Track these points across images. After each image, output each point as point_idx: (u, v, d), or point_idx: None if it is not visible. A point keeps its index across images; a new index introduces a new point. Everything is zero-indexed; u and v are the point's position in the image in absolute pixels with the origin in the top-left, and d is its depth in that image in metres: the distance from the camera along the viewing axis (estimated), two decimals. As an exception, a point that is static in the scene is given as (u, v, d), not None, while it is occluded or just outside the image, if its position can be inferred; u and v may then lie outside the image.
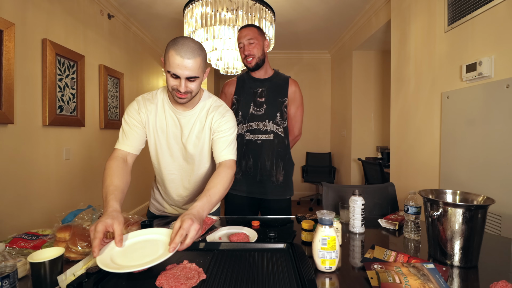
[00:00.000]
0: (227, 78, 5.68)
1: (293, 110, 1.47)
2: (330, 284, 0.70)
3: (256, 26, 1.41)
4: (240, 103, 1.42)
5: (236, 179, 1.42)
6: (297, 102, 1.46)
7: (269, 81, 1.43)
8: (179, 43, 0.88)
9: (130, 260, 0.66)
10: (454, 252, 0.79)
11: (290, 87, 1.43)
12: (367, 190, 1.43)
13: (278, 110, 1.39)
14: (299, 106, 1.48)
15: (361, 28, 3.24)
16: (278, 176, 1.40)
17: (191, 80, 0.91)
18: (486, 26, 1.44)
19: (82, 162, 2.45)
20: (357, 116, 3.64)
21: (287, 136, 1.43)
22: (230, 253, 0.79)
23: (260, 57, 1.38)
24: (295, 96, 1.45)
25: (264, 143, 1.38)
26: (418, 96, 2.00)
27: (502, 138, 1.34)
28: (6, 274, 0.59)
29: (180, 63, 0.87)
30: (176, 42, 0.89)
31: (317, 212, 0.78)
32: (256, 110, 1.39)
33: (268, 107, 1.39)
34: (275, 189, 1.41)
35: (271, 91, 1.41)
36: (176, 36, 1.00)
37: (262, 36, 1.39)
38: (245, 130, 1.40)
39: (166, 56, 0.90)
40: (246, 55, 1.36)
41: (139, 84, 3.60)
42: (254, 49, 1.36)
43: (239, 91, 1.44)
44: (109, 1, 2.75)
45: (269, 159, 1.39)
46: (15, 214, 1.78)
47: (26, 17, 1.85)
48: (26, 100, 1.86)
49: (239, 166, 1.42)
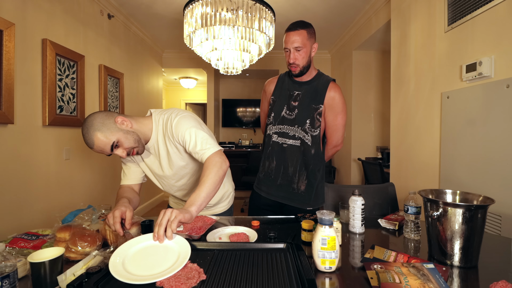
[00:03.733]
0: (227, 78, 5.68)
1: (331, 118, 1.33)
2: (330, 284, 0.70)
3: (306, 27, 1.28)
4: (275, 104, 1.38)
5: (259, 178, 1.42)
6: (336, 109, 1.32)
7: (307, 85, 1.34)
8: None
9: (142, 269, 0.67)
10: (454, 252, 0.79)
11: (328, 93, 1.30)
12: (367, 190, 1.43)
13: (309, 117, 1.30)
14: (339, 113, 1.32)
15: (361, 28, 3.24)
16: (300, 184, 1.32)
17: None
18: (486, 26, 1.44)
19: (82, 162, 2.45)
20: (357, 116, 3.64)
21: (315, 146, 1.31)
22: (230, 253, 0.79)
23: (305, 64, 1.29)
24: (334, 103, 1.31)
25: (290, 148, 1.32)
26: (418, 96, 2.00)
27: (502, 138, 1.34)
28: (6, 274, 0.59)
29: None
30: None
31: (317, 212, 0.78)
32: (288, 114, 1.33)
33: (299, 112, 1.31)
34: (295, 196, 1.33)
35: (307, 95, 1.32)
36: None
37: (311, 40, 1.28)
38: (273, 132, 1.36)
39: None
40: (290, 63, 1.29)
41: (139, 84, 3.60)
42: (300, 57, 1.27)
43: (277, 92, 1.40)
44: (109, 1, 2.75)
45: (292, 165, 1.32)
46: (15, 214, 1.78)
47: (26, 17, 1.85)
48: (26, 100, 1.86)
49: (263, 166, 1.40)
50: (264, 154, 1.39)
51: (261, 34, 2.13)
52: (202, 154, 1.00)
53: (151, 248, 0.75)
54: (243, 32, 2.04)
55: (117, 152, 0.97)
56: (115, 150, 0.97)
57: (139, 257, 0.72)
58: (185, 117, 1.05)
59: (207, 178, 0.92)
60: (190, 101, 6.88)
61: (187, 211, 0.82)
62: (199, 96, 6.85)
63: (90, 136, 0.92)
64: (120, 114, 1.00)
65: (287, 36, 1.29)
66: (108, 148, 0.94)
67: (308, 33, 1.27)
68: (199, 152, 1.01)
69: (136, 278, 0.63)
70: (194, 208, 0.84)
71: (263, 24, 2.06)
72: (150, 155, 1.14)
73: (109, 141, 0.94)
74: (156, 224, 0.77)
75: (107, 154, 0.97)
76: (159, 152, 1.11)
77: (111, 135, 0.94)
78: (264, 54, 2.35)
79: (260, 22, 2.03)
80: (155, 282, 0.62)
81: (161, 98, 4.44)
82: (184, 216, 0.79)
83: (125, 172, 1.18)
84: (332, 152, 1.43)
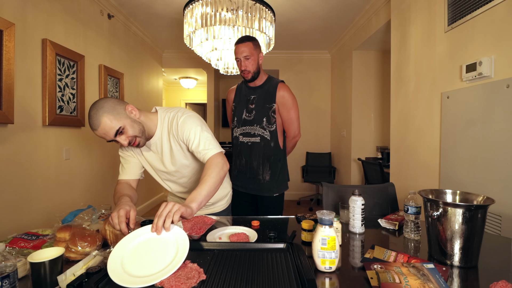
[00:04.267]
0: (227, 78, 5.68)
1: (285, 113, 1.54)
2: (330, 284, 0.70)
3: (252, 40, 1.49)
4: (236, 109, 1.61)
5: (234, 175, 1.62)
6: (287, 105, 1.53)
7: (260, 89, 1.56)
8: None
9: (141, 268, 0.67)
10: (454, 252, 0.79)
11: (278, 92, 1.51)
12: (367, 190, 1.43)
13: (265, 115, 1.51)
14: (290, 108, 1.53)
15: (361, 28, 3.24)
16: (265, 175, 1.54)
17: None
18: (486, 26, 1.44)
19: (82, 162, 2.45)
20: (357, 116, 3.64)
21: (274, 139, 1.53)
22: (230, 253, 0.79)
23: (255, 70, 1.51)
24: (284, 100, 1.52)
25: (253, 145, 1.54)
26: (418, 96, 2.00)
27: (502, 138, 1.34)
28: (6, 274, 0.59)
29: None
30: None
31: (317, 212, 0.78)
32: (247, 116, 1.55)
33: (257, 113, 1.53)
34: (263, 186, 1.55)
35: (261, 98, 1.53)
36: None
37: (257, 50, 1.50)
38: (239, 133, 1.58)
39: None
40: (242, 70, 1.49)
41: (139, 84, 3.60)
42: (249, 64, 1.48)
43: (237, 99, 1.63)
44: (109, 1, 2.75)
45: (256, 159, 1.54)
46: (15, 214, 1.78)
47: (26, 17, 1.85)
48: (26, 100, 1.86)
49: (235, 164, 1.61)
50: (234, 154, 1.62)
51: (261, 34, 2.13)
52: (205, 154, 1.02)
53: (149, 243, 0.74)
54: (243, 32, 2.04)
55: (119, 138, 0.96)
56: (118, 136, 0.96)
57: (137, 254, 0.71)
58: (191, 117, 1.07)
59: (208, 177, 0.92)
60: (190, 101, 6.88)
61: (188, 206, 0.81)
62: (199, 96, 6.85)
63: (98, 117, 0.91)
64: (130, 104, 1.01)
65: (236, 48, 1.49)
66: (112, 132, 0.93)
67: (254, 44, 1.49)
68: (202, 151, 1.02)
69: (135, 281, 0.62)
70: (195, 204, 0.84)
71: (263, 24, 2.06)
72: (150, 151, 1.14)
73: (115, 125, 0.93)
74: (156, 215, 0.76)
75: (108, 139, 0.95)
76: (162, 148, 1.11)
77: (119, 120, 0.94)
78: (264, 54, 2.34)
79: (260, 22, 2.03)
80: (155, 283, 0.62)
81: (161, 98, 4.44)
82: (186, 210, 0.79)
83: (124, 167, 1.16)
84: (292, 143, 1.65)
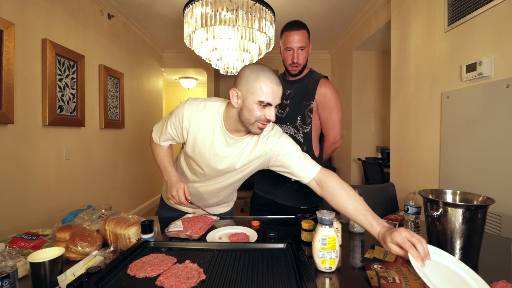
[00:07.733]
0: (227, 78, 5.68)
1: (325, 114, 1.32)
2: (330, 284, 0.70)
3: (306, 28, 1.29)
4: None
5: (258, 178, 1.44)
6: (329, 105, 1.30)
7: (298, 83, 1.35)
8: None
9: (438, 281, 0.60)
10: (454, 252, 0.79)
11: (319, 89, 1.29)
12: (367, 190, 1.43)
13: (300, 114, 1.30)
14: (332, 109, 1.31)
15: (361, 28, 3.24)
16: (294, 183, 1.31)
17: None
18: (486, 26, 1.44)
19: (82, 162, 2.45)
20: (357, 116, 3.64)
21: (307, 142, 1.32)
22: (230, 253, 0.79)
23: (305, 64, 1.33)
24: (326, 99, 1.29)
25: None
26: (418, 96, 2.00)
27: (502, 138, 1.34)
28: (6, 274, 0.59)
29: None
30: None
31: (317, 212, 0.78)
32: (280, 113, 1.35)
33: (291, 110, 1.32)
34: (288, 195, 1.34)
35: (298, 93, 1.32)
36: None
37: (308, 40, 1.31)
38: None
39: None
40: (293, 62, 1.29)
41: (139, 84, 3.60)
42: (302, 57, 1.28)
43: None
44: (109, 1, 2.75)
45: None
46: (15, 214, 1.78)
47: (26, 17, 1.85)
48: (26, 100, 1.86)
49: None
50: None
51: (261, 34, 2.12)
52: (313, 168, 0.97)
53: (447, 270, 0.67)
54: (243, 32, 2.04)
55: (274, 109, 0.91)
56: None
57: (438, 271, 0.65)
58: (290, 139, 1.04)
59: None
60: (190, 101, 6.87)
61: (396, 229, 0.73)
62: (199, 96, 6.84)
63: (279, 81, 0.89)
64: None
65: (290, 35, 1.26)
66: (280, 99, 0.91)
67: (308, 33, 1.29)
68: (308, 165, 0.98)
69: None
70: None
71: (263, 24, 2.05)
72: (226, 145, 1.00)
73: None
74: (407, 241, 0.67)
75: (277, 103, 0.91)
76: (243, 152, 1.01)
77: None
78: (264, 54, 2.35)
79: (260, 22, 2.03)
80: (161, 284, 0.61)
81: (161, 98, 4.44)
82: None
83: (163, 134, 1.06)
84: (331, 150, 1.42)
